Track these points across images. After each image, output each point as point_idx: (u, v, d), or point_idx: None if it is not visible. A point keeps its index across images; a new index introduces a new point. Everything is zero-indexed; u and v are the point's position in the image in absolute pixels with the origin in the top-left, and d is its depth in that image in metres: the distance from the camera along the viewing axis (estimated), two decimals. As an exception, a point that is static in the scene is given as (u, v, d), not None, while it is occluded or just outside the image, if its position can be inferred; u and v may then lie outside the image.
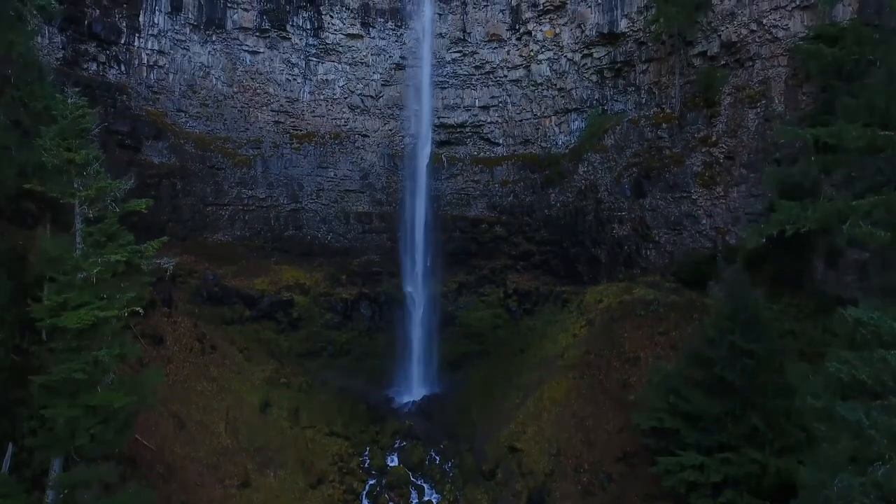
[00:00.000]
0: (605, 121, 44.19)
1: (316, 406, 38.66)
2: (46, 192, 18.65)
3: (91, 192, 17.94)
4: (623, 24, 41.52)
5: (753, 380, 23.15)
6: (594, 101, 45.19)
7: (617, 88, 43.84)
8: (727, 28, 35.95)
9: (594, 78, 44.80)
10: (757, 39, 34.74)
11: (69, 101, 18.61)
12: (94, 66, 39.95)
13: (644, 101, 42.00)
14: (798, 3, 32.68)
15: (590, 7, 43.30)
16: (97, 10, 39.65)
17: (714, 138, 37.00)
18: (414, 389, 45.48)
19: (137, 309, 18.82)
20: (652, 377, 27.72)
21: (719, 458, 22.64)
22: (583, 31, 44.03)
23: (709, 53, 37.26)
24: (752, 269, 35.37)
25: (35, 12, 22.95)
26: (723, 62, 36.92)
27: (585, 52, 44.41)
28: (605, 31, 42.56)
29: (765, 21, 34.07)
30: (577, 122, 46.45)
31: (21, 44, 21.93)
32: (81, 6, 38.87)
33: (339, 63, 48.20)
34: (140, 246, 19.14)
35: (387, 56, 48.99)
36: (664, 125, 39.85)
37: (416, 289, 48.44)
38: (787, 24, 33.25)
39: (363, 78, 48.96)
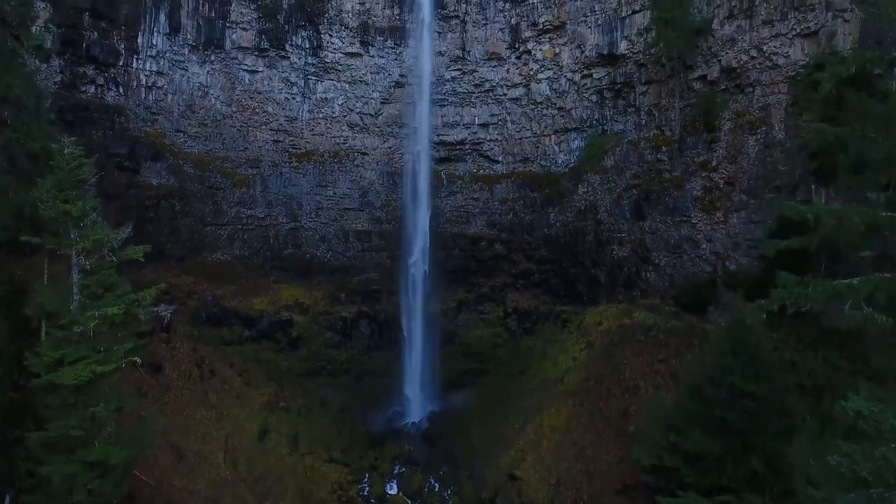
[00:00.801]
0: (605, 141, 44.08)
1: (315, 431, 38.58)
2: (43, 243, 18.52)
3: (88, 245, 17.81)
4: (623, 46, 41.40)
5: (754, 421, 23.05)
6: (594, 121, 45.08)
7: (617, 109, 43.72)
8: (727, 53, 35.83)
9: (594, 98, 44.69)
10: (757, 66, 34.61)
11: (65, 150, 18.47)
12: (92, 89, 39.83)
13: (644, 122, 41.88)
14: (798, 31, 32.54)
15: (589, 28, 43.18)
16: (95, 33, 39.52)
17: (714, 163, 36.88)
18: (414, 409, 45.50)
19: (135, 359, 18.64)
20: (652, 411, 27.61)
21: (719, 501, 22.54)
22: (582, 52, 43.91)
23: (709, 78, 37.14)
24: (752, 297, 35.33)
25: (31, 52, 22.70)
26: (723, 87, 36.80)
27: (585, 72, 44.30)
28: (605, 52, 42.44)
29: (765, 48, 33.94)
30: (576, 142, 46.33)
31: (18, 86, 21.80)
32: (79, 29, 38.75)
33: (339, 81, 48.09)
34: (137, 294, 18.94)
35: (386, 74, 48.87)
36: (664, 148, 39.74)
37: (416, 307, 48.36)
38: (787, 52, 33.12)
39: (362, 96, 48.84)
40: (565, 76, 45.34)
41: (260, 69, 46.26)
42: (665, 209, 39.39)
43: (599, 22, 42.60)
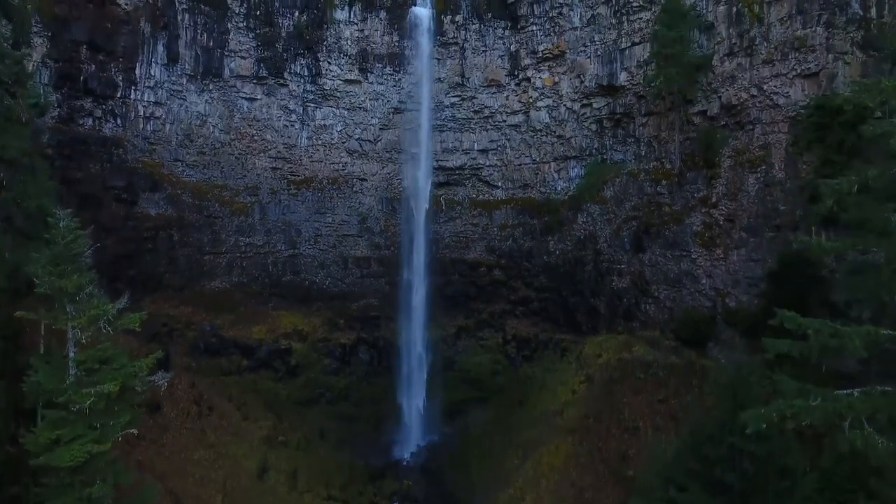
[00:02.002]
0: (605, 171, 43.96)
1: (314, 465, 38.47)
2: (40, 318, 18.40)
3: (83, 321, 17.70)
4: (622, 78, 41.27)
5: (754, 482, 22.96)
6: (593, 150, 44.97)
7: (616, 138, 43.61)
8: (727, 90, 35.72)
9: (593, 127, 44.57)
10: (757, 104, 34.50)
11: (61, 224, 18.33)
12: (89, 122, 39.66)
13: (644, 153, 41.76)
14: (799, 71, 32.43)
15: (589, 58, 43.05)
16: (93, 66, 39.33)
17: (714, 199, 36.79)
18: (413, 438, 45.44)
19: (132, 431, 18.54)
20: (652, 462, 27.52)
21: (719, 561, 22.46)
22: (582, 82, 43.79)
23: (709, 113, 37.05)
24: (752, 336, 35.28)
25: (27, 110, 22.56)
26: (723, 122, 36.71)
27: (585, 101, 44.18)
28: (605, 83, 42.32)
29: (765, 87, 33.83)
30: (576, 169, 46.21)
31: (14, 147, 21.69)
32: (77, 62, 38.56)
33: (337, 108, 47.94)
34: (135, 364, 18.83)
35: (385, 101, 48.72)
36: (664, 181, 39.65)
37: (416, 333, 48.26)
38: (787, 92, 33.00)
39: (361, 122, 48.70)
40: (565, 105, 45.21)
41: (258, 97, 46.09)
42: (665, 243, 39.31)
43: (599, 53, 42.46)
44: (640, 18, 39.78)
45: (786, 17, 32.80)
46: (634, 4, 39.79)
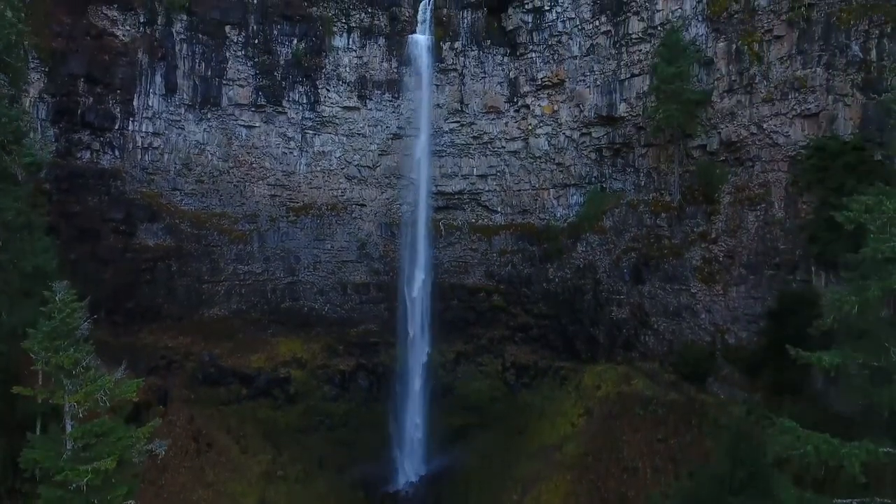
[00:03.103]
0: (604, 199, 43.84)
1: (313, 500, 38.48)
2: (37, 395, 18.33)
3: (80, 397, 17.62)
4: (622, 109, 41.15)
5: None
6: (593, 178, 44.85)
7: (616, 167, 43.50)
8: (727, 127, 35.59)
9: (592, 156, 44.46)
10: (757, 142, 34.39)
11: (57, 297, 18.24)
12: (87, 155, 39.63)
13: (643, 183, 41.64)
14: (799, 111, 32.28)
15: (588, 87, 42.93)
16: (90, 98, 39.24)
17: (713, 235, 36.69)
18: (412, 466, 45.44)
19: (130, 502, 18.47)
20: (651, 511, 27.53)
21: None
22: (581, 111, 43.67)
23: (708, 148, 36.92)
24: (752, 373, 35.31)
25: (23, 168, 22.48)
26: (722, 158, 36.59)
27: (584, 130, 44.07)
28: (604, 113, 42.20)
29: (765, 126, 33.70)
30: (575, 197, 46.11)
31: (10, 208, 21.60)
32: (74, 96, 38.50)
33: (336, 135, 47.82)
34: (133, 433, 18.76)
35: (384, 127, 48.61)
36: (663, 214, 39.55)
37: (415, 359, 48.19)
38: (787, 132, 32.86)
39: (360, 149, 48.59)
40: (564, 133, 45.10)
41: (257, 124, 45.96)
42: (664, 276, 39.23)
43: (598, 83, 42.32)
44: (640, 50, 39.64)
45: (785, 57, 32.66)
46: (634, 36, 39.64)
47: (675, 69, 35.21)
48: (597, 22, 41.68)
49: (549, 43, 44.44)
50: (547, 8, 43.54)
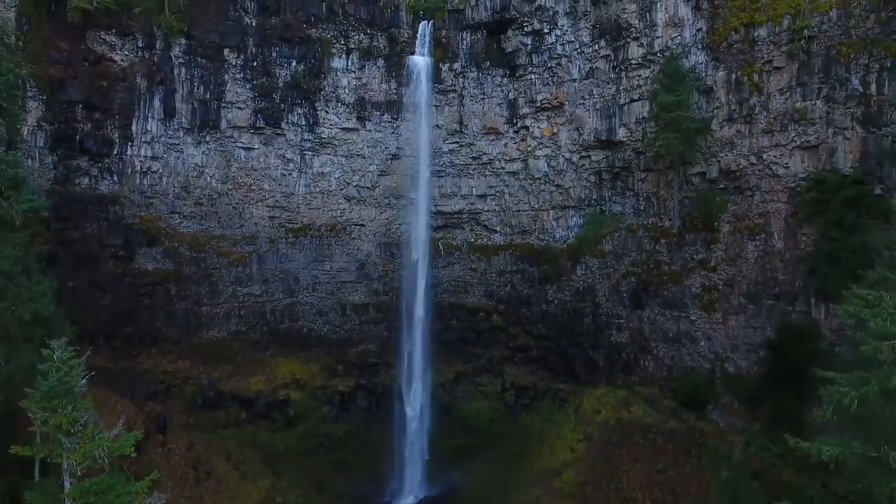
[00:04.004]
0: (604, 222, 43.79)
1: (313, 528, 38.49)
2: (34, 454, 18.27)
3: (78, 457, 17.57)
4: (621, 133, 41.08)
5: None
6: (592, 201, 44.80)
7: (615, 190, 43.45)
8: (726, 156, 35.57)
9: (592, 178, 44.41)
10: (757, 172, 34.37)
11: (55, 354, 18.19)
12: (86, 181, 39.47)
13: (643, 207, 41.60)
14: (798, 143, 32.27)
15: (587, 111, 42.86)
16: (89, 124, 39.10)
17: (713, 263, 36.68)
18: (411, 489, 45.35)
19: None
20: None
21: None
22: (580, 134, 43.61)
23: (708, 176, 36.89)
24: (751, 403, 35.32)
25: (21, 215, 22.40)
26: (722, 186, 36.56)
27: (583, 153, 44.02)
28: (603, 137, 42.14)
29: (765, 156, 33.68)
30: (574, 219, 46.06)
31: (7, 257, 21.53)
32: (72, 123, 38.36)
33: (335, 156, 47.72)
34: (132, 487, 18.71)
35: (383, 147, 48.52)
36: (663, 240, 39.53)
37: (414, 379, 48.13)
38: (787, 163, 32.85)
39: (359, 169, 48.50)
40: (563, 155, 45.04)
41: (256, 146, 45.84)
42: (664, 302, 39.23)
43: (598, 106, 42.25)
44: (639, 76, 39.57)
45: (785, 88, 32.62)
46: (633, 62, 39.57)
47: (675, 97, 35.16)
48: (596, 46, 41.60)
49: (549, 65, 44.36)
50: (546, 31, 43.43)
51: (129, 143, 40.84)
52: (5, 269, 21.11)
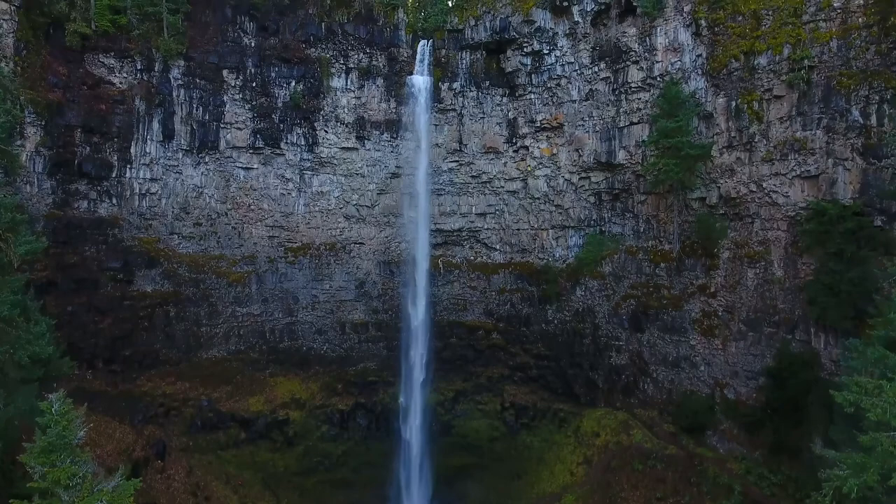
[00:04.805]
0: (603, 243, 43.73)
1: (312, 552, 38.49)
2: (33, 508, 18.21)
3: (77, 512, 17.51)
4: (621, 156, 41.01)
5: None
6: (592, 221, 44.74)
7: (615, 211, 43.39)
8: (726, 182, 35.50)
9: (592, 199, 44.34)
10: (756, 200, 34.30)
11: (53, 408, 18.12)
12: (84, 204, 39.34)
13: (642, 229, 41.55)
14: (799, 172, 32.20)
15: (587, 132, 42.77)
16: (87, 148, 38.98)
17: (713, 289, 36.63)
18: (412, 507, 45.48)
19: None
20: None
21: None
22: (580, 156, 43.53)
23: (708, 201, 36.81)
24: (751, 430, 35.29)
25: (18, 259, 22.32)
26: (722, 211, 36.48)
27: (583, 174, 43.94)
28: (603, 159, 42.06)
29: (765, 185, 33.61)
30: (574, 238, 46.02)
31: (4, 302, 21.46)
32: (71, 147, 38.22)
33: (335, 175, 47.64)
34: (130, 539, 18.65)
35: (382, 166, 48.44)
36: (662, 264, 39.47)
37: (414, 397, 48.12)
38: (787, 192, 32.79)
39: (359, 188, 48.41)
40: (563, 176, 44.98)
41: (255, 166, 45.74)
42: (663, 326, 39.20)
43: (597, 128, 42.17)
44: (639, 99, 39.48)
45: (785, 118, 32.54)
46: (633, 85, 39.47)
47: (675, 123, 35.07)
48: (595, 68, 41.51)
49: (549, 85, 44.27)
50: (546, 52, 43.33)
51: (128, 166, 40.72)
52: (3, 315, 21.01)
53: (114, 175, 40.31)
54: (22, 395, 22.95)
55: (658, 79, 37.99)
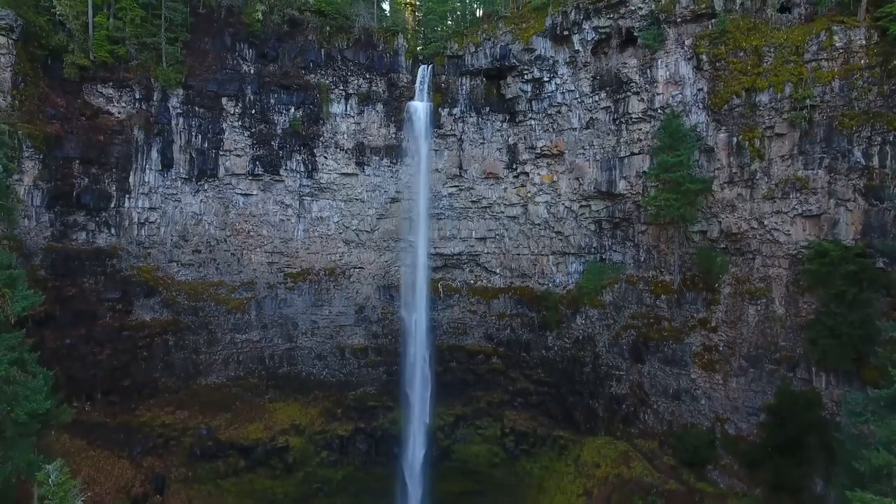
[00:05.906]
0: (604, 271, 43.57)
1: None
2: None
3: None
4: (622, 186, 40.86)
5: None
6: (592, 248, 44.60)
7: (615, 239, 43.23)
8: (727, 217, 35.34)
9: (592, 227, 44.21)
10: (758, 236, 34.16)
11: (51, 478, 18.04)
12: (83, 236, 39.18)
13: (643, 258, 41.39)
14: (800, 211, 32.05)
15: (587, 161, 42.64)
16: (86, 179, 38.82)
17: (714, 324, 36.50)
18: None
19: None
20: None
21: None
22: (581, 184, 43.39)
23: (709, 235, 36.65)
24: (752, 466, 35.16)
25: (14, 315, 22.18)
26: (723, 245, 36.33)
27: (583, 203, 43.80)
28: (603, 188, 41.92)
29: (766, 222, 33.47)
30: (574, 265, 45.89)
31: (5, 359, 21.35)
32: (69, 179, 38.07)
33: (334, 200, 47.50)
34: None
35: (382, 191, 48.30)
36: (663, 296, 39.31)
37: (414, 422, 48.01)
38: (788, 230, 32.65)
39: (358, 213, 48.28)
40: (563, 203, 44.84)
41: (254, 192, 45.60)
42: (664, 358, 39.07)
43: (598, 157, 42.04)
44: (640, 129, 39.33)
45: (787, 156, 32.40)
46: (634, 116, 39.31)
47: (676, 157, 34.92)
48: (596, 97, 41.36)
49: (549, 112, 44.12)
50: (546, 79, 43.19)
51: (127, 196, 40.58)
52: (0, 375, 20.88)
53: (112, 205, 40.16)
54: (20, 450, 22.79)
55: (659, 111, 37.83)
